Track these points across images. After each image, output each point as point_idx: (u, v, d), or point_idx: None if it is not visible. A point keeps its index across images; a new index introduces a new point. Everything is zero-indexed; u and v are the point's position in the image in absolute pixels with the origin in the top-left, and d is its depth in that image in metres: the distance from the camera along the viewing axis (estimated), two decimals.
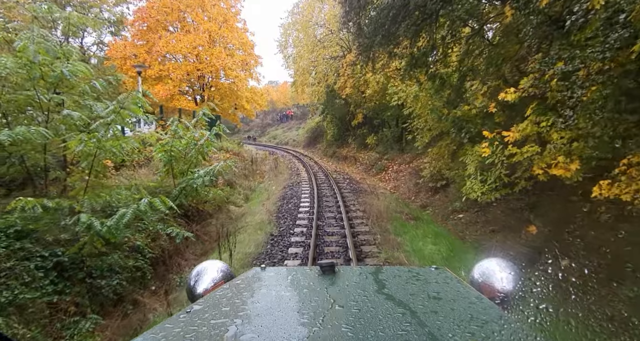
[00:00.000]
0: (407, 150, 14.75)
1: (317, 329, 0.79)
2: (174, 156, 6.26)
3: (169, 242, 5.19)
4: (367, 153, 18.30)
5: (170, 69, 16.49)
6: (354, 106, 19.98)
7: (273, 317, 0.87)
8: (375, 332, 0.77)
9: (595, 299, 3.66)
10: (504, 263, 1.16)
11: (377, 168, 14.93)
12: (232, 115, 21.04)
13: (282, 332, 0.79)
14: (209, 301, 0.99)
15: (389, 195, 10.89)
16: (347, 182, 11.72)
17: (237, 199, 9.24)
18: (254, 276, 1.19)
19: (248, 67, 19.73)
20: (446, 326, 0.80)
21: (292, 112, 42.78)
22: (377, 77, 13.48)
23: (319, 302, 0.95)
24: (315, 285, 1.08)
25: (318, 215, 7.55)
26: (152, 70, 16.22)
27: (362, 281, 1.11)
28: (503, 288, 1.08)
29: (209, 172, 5.94)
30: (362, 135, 19.58)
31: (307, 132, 31.05)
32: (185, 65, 16.80)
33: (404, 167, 13.40)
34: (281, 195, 9.64)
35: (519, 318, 0.95)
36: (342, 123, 22.34)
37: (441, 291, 1.03)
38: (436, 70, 8.57)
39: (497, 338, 0.75)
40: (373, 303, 0.93)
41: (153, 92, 16.07)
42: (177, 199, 5.71)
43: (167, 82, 16.44)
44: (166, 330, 0.82)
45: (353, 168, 17.32)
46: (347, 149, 21.20)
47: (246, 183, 11.18)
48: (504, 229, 5.85)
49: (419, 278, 1.14)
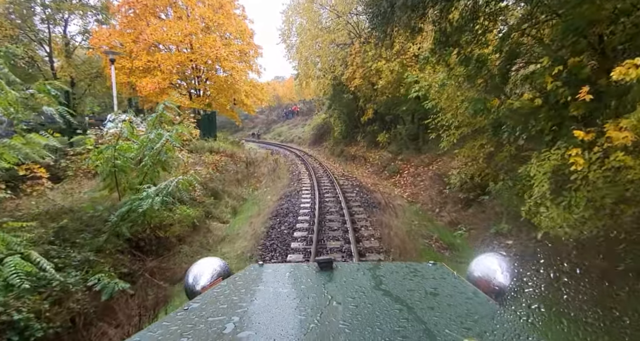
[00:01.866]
0: (425, 150, 12.82)
1: (315, 325, 0.79)
2: (119, 166, 4.55)
3: (91, 297, 3.48)
4: (378, 153, 16.42)
5: (159, 60, 14.80)
6: (364, 100, 18.08)
7: (271, 314, 0.87)
8: (372, 328, 0.77)
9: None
10: (501, 259, 1.16)
11: (390, 170, 13.04)
12: (231, 111, 19.31)
13: (279, 329, 0.79)
14: (206, 299, 0.98)
15: (408, 206, 9.03)
16: (357, 191, 9.83)
17: (222, 213, 7.51)
18: (251, 273, 1.19)
19: (247, 58, 17.94)
20: (443, 322, 0.80)
21: (298, 108, 40.93)
22: (391, 65, 11.54)
23: (317, 299, 0.96)
24: (313, 281, 1.09)
25: (318, 245, 5.57)
26: (140, 61, 14.56)
27: (359, 278, 1.11)
28: (500, 284, 1.07)
29: (162, 190, 4.19)
30: (372, 132, 17.71)
31: (313, 129, 29.26)
32: (177, 55, 15.07)
33: (422, 170, 11.49)
34: (275, 209, 7.82)
35: (515, 312, 0.91)
36: (350, 120, 20.49)
37: (438, 287, 1.04)
38: (471, 51, 6.65)
39: (494, 332, 0.76)
40: (370, 299, 0.93)
41: (140, 86, 14.52)
42: (115, 228, 4.00)
43: (156, 75, 14.76)
44: (163, 328, 0.81)
45: (362, 170, 15.45)
46: (356, 148, 19.34)
47: (237, 191, 9.44)
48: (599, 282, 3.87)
49: (416, 274, 1.14)
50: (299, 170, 14.18)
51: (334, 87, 19.52)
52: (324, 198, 8.95)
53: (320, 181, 11.30)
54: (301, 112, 39.64)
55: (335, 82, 18.62)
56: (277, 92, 47.63)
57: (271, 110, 46.93)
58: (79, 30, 16.46)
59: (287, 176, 12.53)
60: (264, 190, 10.35)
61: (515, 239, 5.59)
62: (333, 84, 18.81)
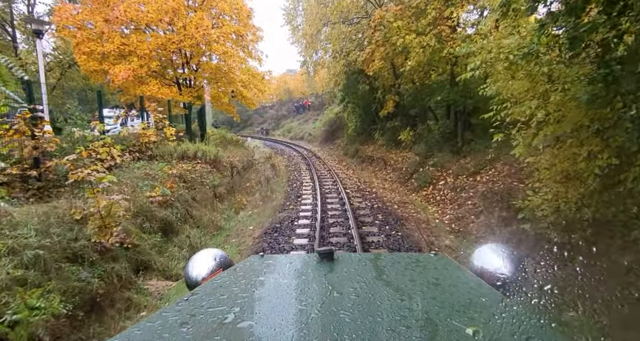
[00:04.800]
0: (465, 152, 9.79)
1: (315, 315, 0.78)
2: None
3: None
4: (400, 154, 13.46)
5: (135, 43, 12.25)
6: (382, 91, 15.08)
7: (271, 304, 0.87)
8: (373, 318, 0.76)
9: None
10: (503, 249, 1.14)
11: (419, 179, 10.06)
12: (228, 105, 16.63)
13: (280, 319, 0.78)
14: (206, 289, 0.97)
15: (455, 240, 6.11)
16: (380, 221, 6.74)
17: (170, 260, 4.84)
18: (252, 264, 1.17)
19: (244, 42, 15.20)
20: (445, 312, 0.79)
21: (310, 101, 38.04)
22: (424, 40, 8.52)
23: (317, 289, 0.94)
24: (314, 272, 1.08)
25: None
26: (112, 43, 12.05)
27: (361, 268, 1.09)
28: (503, 274, 1.05)
29: None
30: (393, 129, 14.76)
31: (325, 125, 26.39)
32: (155, 37, 12.48)
33: (466, 182, 8.50)
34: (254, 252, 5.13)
35: (520, 302, 0.87)
36: (366, 114, 17.57)
37: (440, 277, 1.03)
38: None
39: (498, 322, 0.75)
40: (372, 290, 0.92)
41: (111, 74, 12.03)
42: None
43: (132, 61, 12.23)
44: (162, 318, 0.79)
45: (382, 176, 12.53)
46: (373, 147, 16.42)
47: (211, 216, 6.71)
48: None
49: (418, 264, 1.13)
50: (301, 180, 11.30)
51: (347, 75, 16.57)
52: (329, 232, 6.14)
53: (326, 199, 8.47)
54: (313, 106, 36.77)
55: (349, 69, 15.65)
56: (288, 85, 44.94)
57: (281, 105, 44.25)
58: (47, 11, 14.08)
59: (285, 189, 9.74)
60: (249, 213, 7.60)
61: None
62: (346, 72, 15.86)
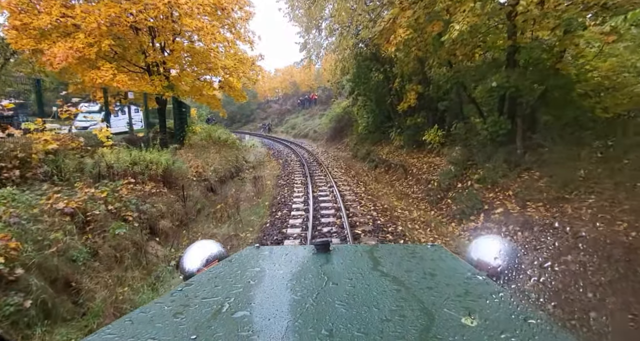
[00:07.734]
0: (530, 162, 6.63)
1: (310, 306, 0.78)
2: None
3: None
4: (425, 159, 10.34)
5: (80, 15, 9.37)
6: (401, 80, 11.90)
7: (266, 294, 0.86)
8: (369, 308, 0.76)
9: None
10: (500, 240, 1.15)
11: (461, 201, 6.92)
12: (211, 98, 13.68)
13: (274, 309, 0.78)
14: (201, 280, 0.97)
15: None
16: None
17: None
18: (247, 255, 1.18)
19: (229, 19, 12.17)
20: (441, 302, 0.79)
21: (317, 95, 34.88)
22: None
23: (313, 280, 0.94)
24: (310, 263, 1.09)
25: None
26: (50, 15, 9.21)
27: (357, 259, 1.10)
28: (499, 264, 1.06)
29: None
30: (414, 126, 11.63)
31: (331, 121, 23.25)
32: (107, 6, 9.54)
33: (546, 214, 5.36)
34: None
35: (515, 291, 0.88)
36: (380, 109, 14.44)
37: (436, 267, 1.04)
38: None
39: (493, 311, 0.75)
40: (368, 280, 0.93)
41: (48, 54, 9.19)
42: None
43: (78, 37, 9.36)
44: (157, 308, 0.79)
45: (404, 191, 9.41)
46: (389, 149, 13.33)
47: (112, 292, 3.80)
48: None
49: (414, 255, 1.14)
50: (292, 202, 8.21)
51: (357, 60, 13.42)
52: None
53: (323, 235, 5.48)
54: (320, 100, 33.60)
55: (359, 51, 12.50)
56: (295, 78, 41.85)
57: (286, 99, 41.18)
58: None
59: (263, 221, 6.70)
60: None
61: None
62: (356, 55, 12.73)
